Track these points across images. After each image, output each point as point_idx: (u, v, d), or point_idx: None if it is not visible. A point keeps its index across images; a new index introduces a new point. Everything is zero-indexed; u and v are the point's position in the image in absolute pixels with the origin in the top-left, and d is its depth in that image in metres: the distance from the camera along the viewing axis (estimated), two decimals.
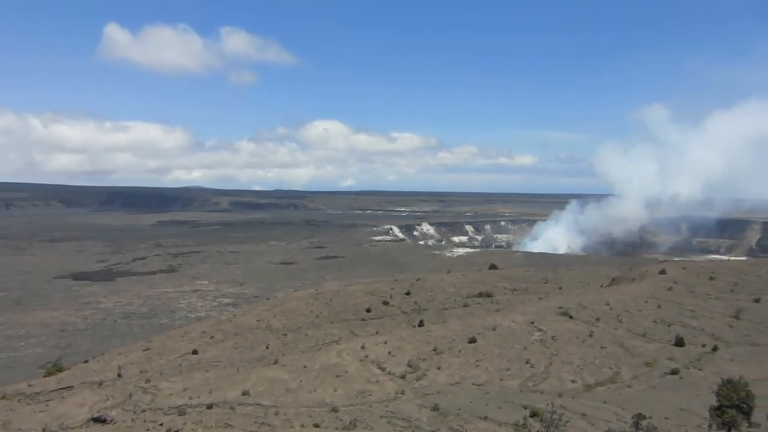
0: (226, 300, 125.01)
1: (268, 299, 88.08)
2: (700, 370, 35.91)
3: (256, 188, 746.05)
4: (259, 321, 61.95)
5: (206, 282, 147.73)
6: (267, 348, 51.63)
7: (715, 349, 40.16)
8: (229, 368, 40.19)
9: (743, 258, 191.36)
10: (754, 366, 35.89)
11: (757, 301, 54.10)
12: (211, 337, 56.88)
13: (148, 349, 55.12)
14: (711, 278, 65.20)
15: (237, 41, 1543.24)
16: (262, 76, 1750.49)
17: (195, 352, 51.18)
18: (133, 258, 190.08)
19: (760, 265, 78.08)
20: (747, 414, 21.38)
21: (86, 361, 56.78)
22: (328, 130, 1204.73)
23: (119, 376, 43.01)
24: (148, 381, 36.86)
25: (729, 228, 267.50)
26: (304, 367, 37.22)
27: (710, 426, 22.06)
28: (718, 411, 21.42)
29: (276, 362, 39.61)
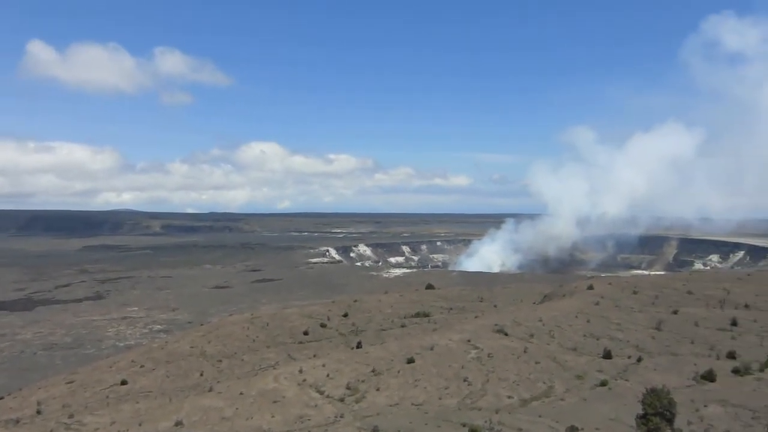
0: (158, 327, 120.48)
1: (202, 325, 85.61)
2: (626, 380, 37.46)
3: (190, 211, 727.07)
4: (192, 347, 60.11)
5: (136, 308, 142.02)
6: (201, 375, 50.12)
7: (639, 360, 42.07)
8: (160, 398, 38.81)
9: (662, 272, 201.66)
10: (674, 375, 37.82)
11: (675, 312, 57.20)
12: (142, 366, 54.67)
13: (71, 382, 52.29)
14: (634, 292, 68.48)
15: (171, 61, 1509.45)
16: (197, 96, 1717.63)
17: (124, 383, 49.01)
18: (55, 285, 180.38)
19: (677, 279, 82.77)
20: (670, 421, 22.55)
21: (1, 398, 53.24)
22: (264, 151, 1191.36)
23: (38, 412, 40.64)
24: (71, 416, 35.07)
25: (649, 244, 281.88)
26: (240, 393, 36.41)
27: None
28: (643, 419, 22.49)
29: (210, 390, 38.57)
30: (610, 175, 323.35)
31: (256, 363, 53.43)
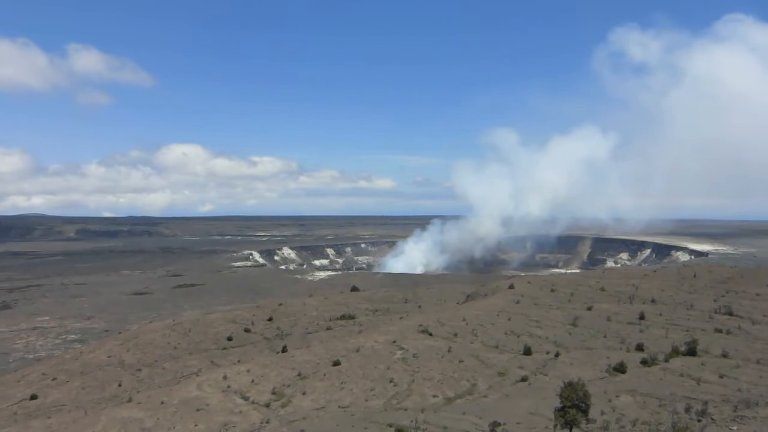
0: (72, 336, 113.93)
1: (120, 333, 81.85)
2: (545, 375, 38.92)
3: (107, 215, 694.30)
4: (110, 357, 57.45)
5: (47, 318, 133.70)
6: (119, 386, 47.95)
7: (557, 355, 43.84)
8: (75, 411, 36.81)
9: (577, 270, 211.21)
10: (589, 368, 39.68)
11: (589, 309, 60.12)
12: (54, 379, 51.68)
13: None
14: (552, 290, 71.43)
15: (87, 59, 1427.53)
16: (116, 96, 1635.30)
17: (34, 397, 46.16)
18: None
19: (591, 276, 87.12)
20: (585, 412, 23.58)
21: None
22: (186, 154, 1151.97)
23: None
24: None
25: (566, 244, 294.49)
26: (162, 402, 35.11)
27: (555, 426, 24.03)
28: (561, 412, 23.41)
29: (130, 400, 36.95)
30: (533, 176, 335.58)
31: (178, 371, 51.72)
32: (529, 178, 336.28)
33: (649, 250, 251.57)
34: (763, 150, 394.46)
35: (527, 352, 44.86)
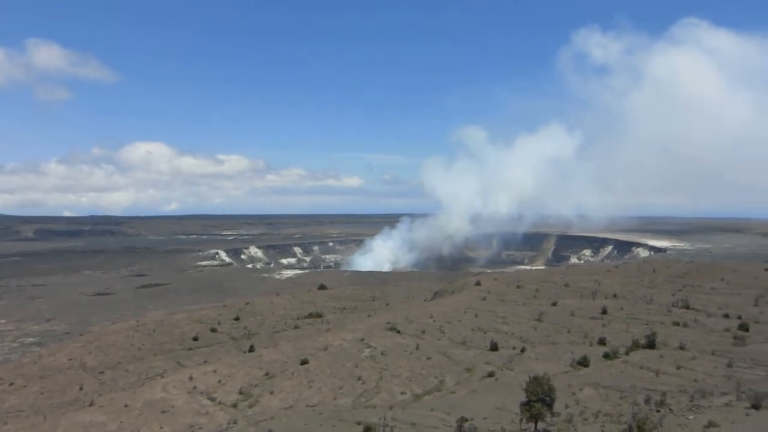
0: (30, 339, 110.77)
1: (81, 335, 79.85)
2: (511, 370, 39.55)
3: (68, 214, 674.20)
4: (70, 360, 56.13)
5: (4, 321, 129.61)
6: (81, 389, 46.88)
7: (523, 350, 44.58)
8: (33, 417, 35.89)
9: (542, 267, 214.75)
10: (554, 362, 40.47)
11: (554, 304, 61.28)
12: (11, 384, 50.19)
13: None
14: (518, 287, 72.50)
15: (47, 54, 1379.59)
16: (78, 92, 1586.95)
17: None
18: None
19: (555, 273, 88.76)
20: (550, 405, 24.10)
21: None
22: (150, 152, 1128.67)
23: None
24: None
25: (531, 241, 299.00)
26: (125, 405, 34.50)
27: (521, 420, 24.49)
28: (527, 406, 23.87)
29: (92, 404, 36.20)
30: (501, 174, 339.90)
31: (143, 372, 50.84)
32: (497, 175, 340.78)
33: (611, 247, 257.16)
34: (718, 150, 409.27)
35: (494, 347, 45.51)
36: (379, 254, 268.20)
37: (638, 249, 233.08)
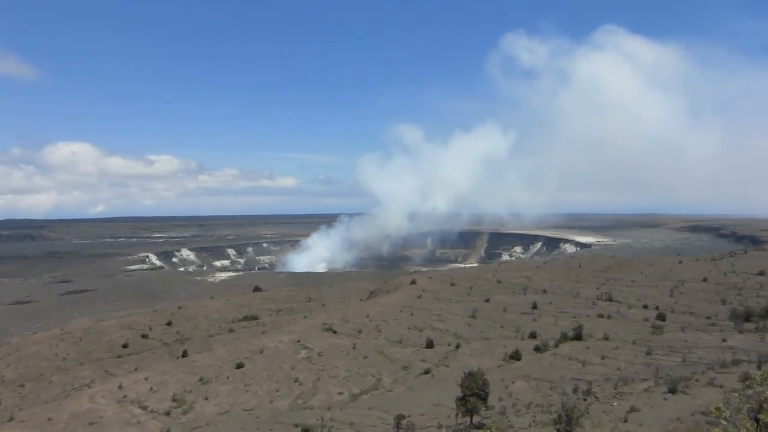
0: None
1: None
2: (447, 366, 40.38)
3: None
4: None
5: None
6: None
7: (458, 346, 45.60)
8: None
9: (476, 264, 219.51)
10: (488, 357, 41.63)
11: (487, 301, 62.96)
12: None
13: None
14: (452, 284, 73.95)
15: None
16: None
17: None
18: None
19: (487, 270, 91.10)
20: (484, 399, 24.79)
21: None
22: (75, 152, 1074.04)
23: None
24: None
25: (465, 239, 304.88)
26: (49, 419, 32.87)
27: (457, 414, 25.08)
28: (462, 400, 24.45)
29: (11, 419, 34.25)
30: (437, 172, 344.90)
31: (68, 383, 48.57)
32: (433, 173, 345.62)
33: (540, 243, 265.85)
34: (636, 151, 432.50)
35: (430, 345, 46.30)
36: (316, 254, 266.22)
37: (566, 245, 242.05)
